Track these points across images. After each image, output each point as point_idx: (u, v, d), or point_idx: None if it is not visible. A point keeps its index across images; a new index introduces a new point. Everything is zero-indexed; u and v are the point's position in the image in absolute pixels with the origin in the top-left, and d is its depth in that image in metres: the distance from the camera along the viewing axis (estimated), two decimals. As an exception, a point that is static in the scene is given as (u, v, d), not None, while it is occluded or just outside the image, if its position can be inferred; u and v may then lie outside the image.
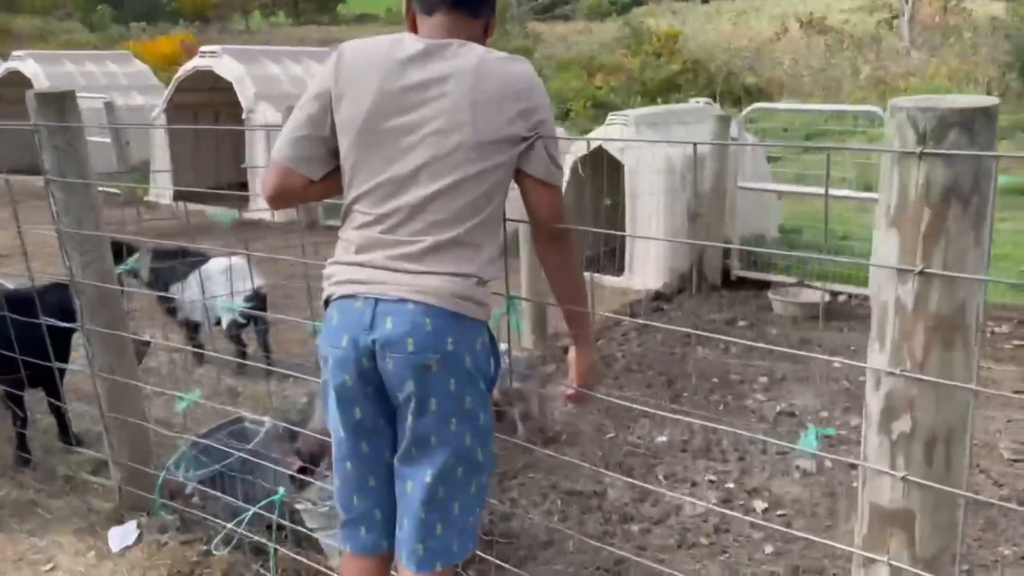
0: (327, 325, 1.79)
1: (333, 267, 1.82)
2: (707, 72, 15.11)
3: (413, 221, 1.72)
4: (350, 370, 1.74)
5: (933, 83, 13.88)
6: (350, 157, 1.77)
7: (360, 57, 1.77)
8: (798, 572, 2.87)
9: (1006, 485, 3.48)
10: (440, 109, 1.71)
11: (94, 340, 2.86)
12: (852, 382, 4.59)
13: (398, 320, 1.68)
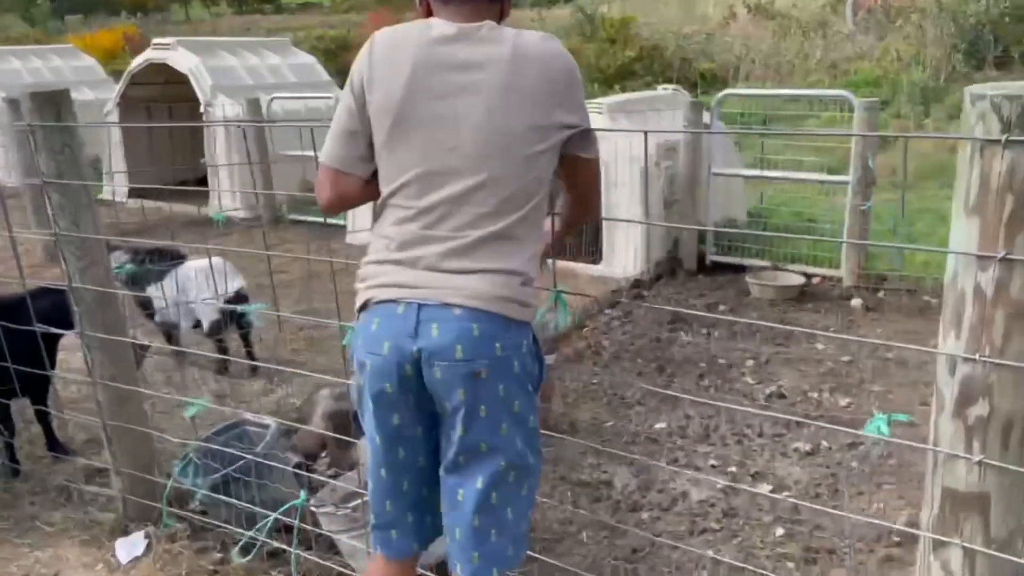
0: (364, 330, 1.72)
1: (370, 267, 1.75)
2: (662, 58, 15.21)
3: (456, 215, 1.67)
4: (391, 378, 1.68)
5: (881, 66, 14.18)
6: (386, 147, 1.70)
7: (390, 42, 1.71)
8: (811, 552, 2.92)
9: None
10: (479, 95, 1.65)
11: (94, 347, 2.77)
12: (836, 363, 4.69)
13: (444, 327, 1.64)
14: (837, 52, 16.22)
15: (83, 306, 2.72)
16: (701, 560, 2.90)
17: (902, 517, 3.00)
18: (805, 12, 22.62)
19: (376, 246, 1.76)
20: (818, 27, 19.98)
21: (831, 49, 16.69)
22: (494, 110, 1.65)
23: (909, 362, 4.65)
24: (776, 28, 20.04)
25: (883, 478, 3.40)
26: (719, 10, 23.63)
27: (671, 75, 14.72)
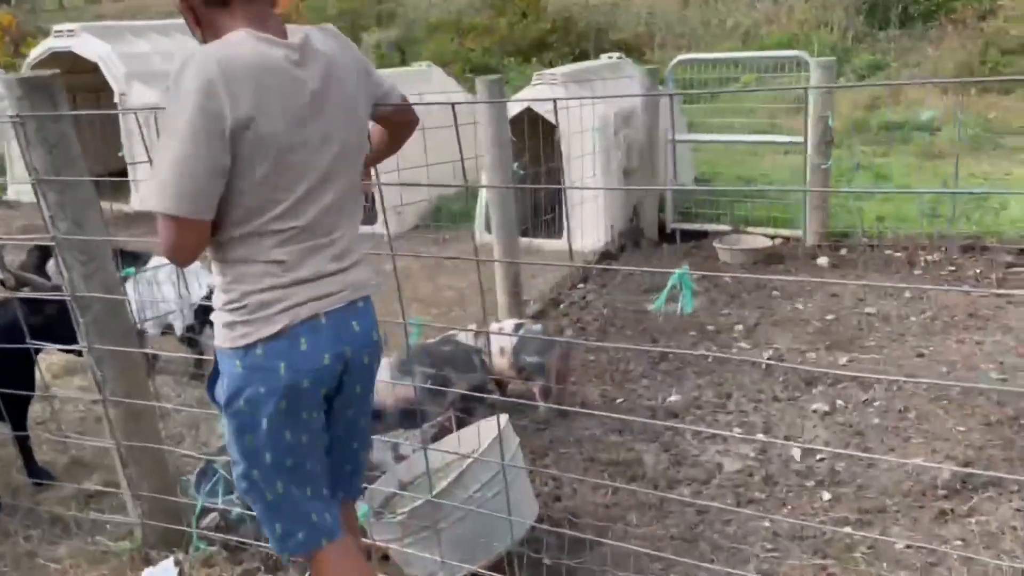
0: (290, 353, 1.74)
1: (263, 295, 1.72)
2: (576, 29, 15.14)
3: (329, 223, 1.78)
4: (330, 382, 1.83)
5: (789, 30, 14.50)
6: (266, 180, 1.66)
7: (247, 70, 1.60)
8: (864, 513, 2.91)
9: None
10: (335, 110, 1.74)
11: (104, 362, 2.48)
12: (822, 322, 4.73)
13: (360, 321, 1.86)
14: (742, 17, 16.52)
15: (89, 316, 2.43)
16: (759, 531, 2.85)
17: (945, 472, 3.02)
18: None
19: (253, 272, 1.72)
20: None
21: (733, 15, 16.98)
22: (343, 114, 1.76)
23: (891, 316, 4.73)
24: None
25: (907, 433, 3.44)
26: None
27: (586, 46, 14.68)
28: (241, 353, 1.72)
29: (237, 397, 1.75)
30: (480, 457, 2.42)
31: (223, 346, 1.75)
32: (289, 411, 1.76)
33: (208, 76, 1.55)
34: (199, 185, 1.59)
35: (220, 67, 1.57)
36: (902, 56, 12.35)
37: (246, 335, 1.71)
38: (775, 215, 6.39)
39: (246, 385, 1.73)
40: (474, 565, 2.41)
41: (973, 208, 6.39)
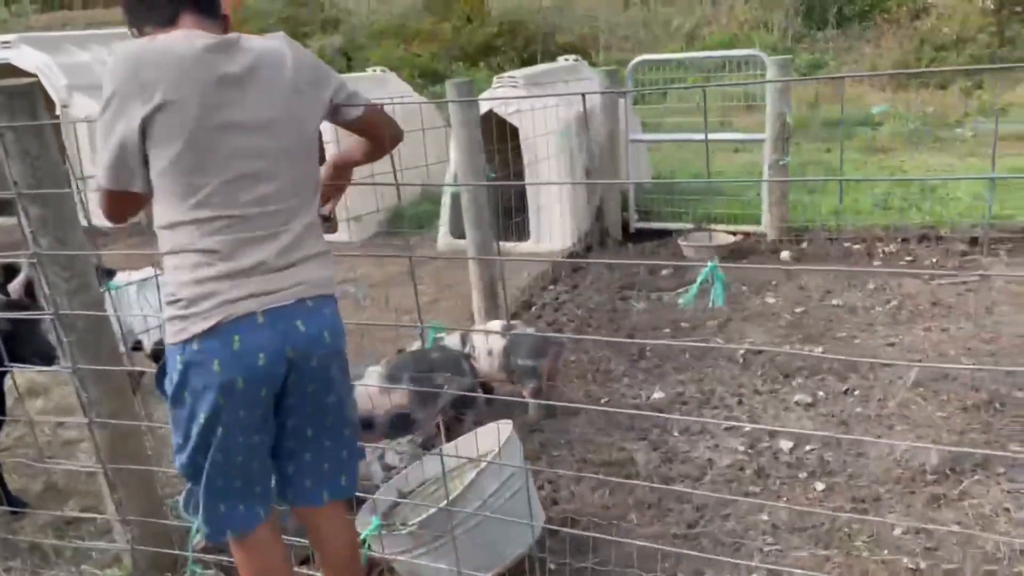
0: (222, 351, 1.74)
1: (195, 288, 1.74)
2: (523, 33, 15.18)
3: (274, 213, 1.78)
4: (270, 383, 1.81)
5: (730, 30, 14.77)
6: (180, 163, 1.71)
7: (164, 58, 1.70)
8: (858, 502, 2.95)
9: None
10: (263, 97, 1.76)
11: (90, 383, 2.38)
12: (792, 315, 4.81)
13: (308, 321, 1.81)
14: (683, 19, 16.77)
15: (74, 335, 2.32)
16: (758, 524, 2.87)
17: (933, 457, 3.09)
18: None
19: (185, 263, 1.75)
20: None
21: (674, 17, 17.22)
22: (279, 105, 1.79)
23: (858, 308, 4.83)
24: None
25: (890, 421, 3.50)
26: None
27: (533, 49, 14.73)
28: (180, 348, 1.76)
29: (180, 390, 1.80)
30: (493, 461, 2.38)
31: (168, 341, 1.81)
32: (228, 407, 1.78)
33: (124, 64, 1.70)
34: (117, 164, 1.73)
35: (136, 55, 1.70)
36: (841, 55, 12.68)
37: (183, 330, 1.75)
38: (734, 212, 6.48)
39: (187, 380, 1.78)
40: (489, 573, 2.37)
41: (923, 199, 6.59)
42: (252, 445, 1.88)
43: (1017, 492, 2.88)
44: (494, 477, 2.39)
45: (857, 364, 4.03)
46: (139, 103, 1.68)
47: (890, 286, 5.11)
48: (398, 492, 2.76)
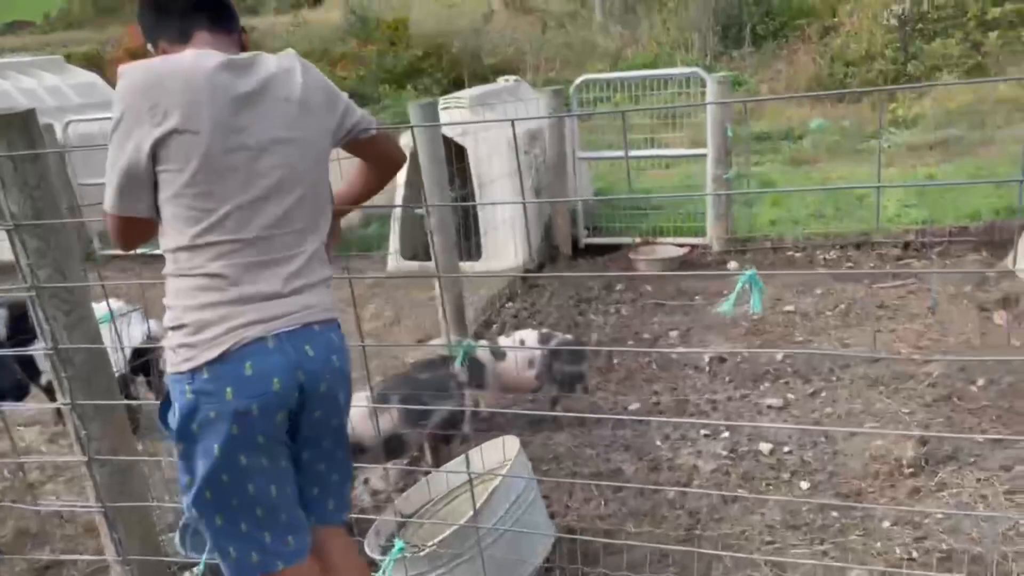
0: (235, 376, 1.69)
1: (202, 313, 1.70)
2: (448, 55, 15.27)
3: (284, 236, 1.76)
4: (284, 408, 1.76)
5: (652, 51, 15.17)
6: (192, 188, 1.67)
7: (176, 79, 1.65)
8: (844, 498, 3.07)
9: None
10: (276, 119, 1.73)
11: (89, 419, 2.29)
12: (748, 322, 4.96)
13: (316, 346, 1.78)
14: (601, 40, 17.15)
15: (72, 370, 2.24)
16: (754, 524, 2.95)
17: (909, 449, 3.24)
18: (555, 4, 23.71)
19: (190, 286, 1.72)
20: (571, 19, 21.00)
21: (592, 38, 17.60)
22: (291, 128, 1.76)
23: (809, 313, 5.02)
24: (535, 21, 20.82)
25: (859, 419, 3.65)
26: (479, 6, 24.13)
27: (460, 71, 14.83)
28: (188, 377, 1.70)
29: (189, 422, 1.71)
30: (508, 475, 2.39)
31: (172, 371, 1.74)
32: (242, 435, 1.72)
33: (134, 85, 1.65)
34: (126, 188, 1.68)
35: (147, 77, 1.65)
36: (758, 72, 13.17)
37: (191, 358, 1.70)
38: (678, 225, 6.66)
39: (196, 410, 1.70)
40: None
41: (855, 208, 6.91)
42: (274, 472, 1.80)
43: (989, 480, 3.04)
44: (509, 492, 2.40)
45: (818, 366, 4.19)
46: (150, 126, 1.64)
47: (835, 291, 5.33)
48: (400, 514, 2.74)
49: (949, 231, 6.04)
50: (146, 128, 1.64)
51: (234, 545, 1.82)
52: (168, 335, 1.74)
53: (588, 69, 13.76)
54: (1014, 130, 9.52)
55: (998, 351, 4.20)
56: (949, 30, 12.32)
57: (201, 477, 1.74)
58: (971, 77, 11.48)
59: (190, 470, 1.76)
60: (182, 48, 1.76)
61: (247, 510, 1.80)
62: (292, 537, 1.88)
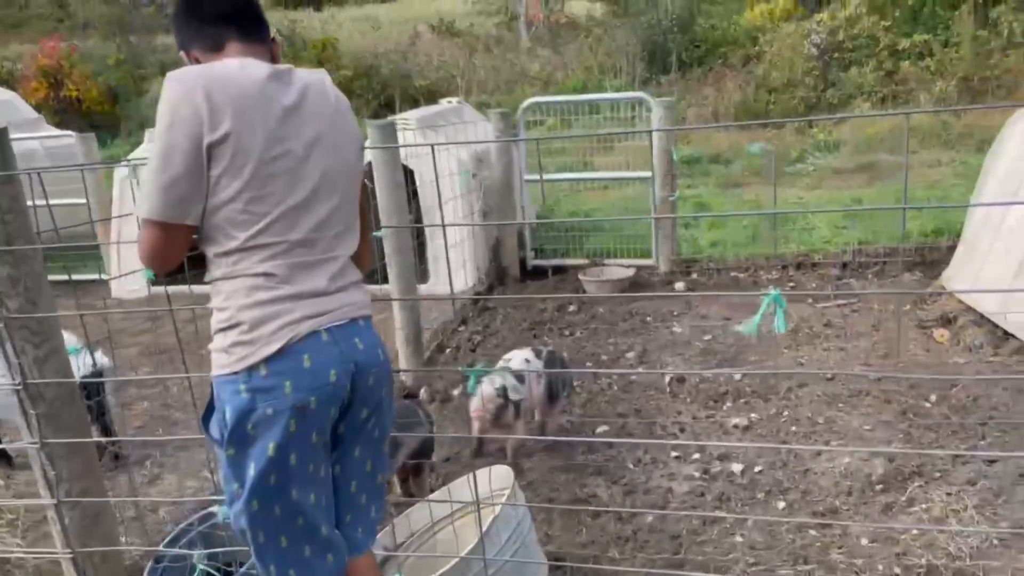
0: (294, 370, 1.70)
1: (256, 311, 1.70)
2: (379, 77, 15.15)
3: (330, 239, 1.80)
4: (338, 401, 1.78)
5: (583, 76, 15.39)
6: (244, 193, 1.68)
7: (228, 87, 1.67)
8: (819, 516, 3.10)
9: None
10: (315, 128, 1.77)
11: (58, 459, 2.14)
12: (702, 342, 5.02)
13: (363, 339, 1.81)
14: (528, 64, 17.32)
15: (42, 407, 2.08)
16: (736, 546, 2.96)
17: (879, 467, 3.31)
18: (481, 29, 23.90)
19: (243, 286, 1.72)
20: (497, 43, 21.18)
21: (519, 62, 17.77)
22: (330, 137, 1.80)
23: (760, 332, 5.11)
24: (462, 44, 20.93)
25: (824, 437, 3.72)
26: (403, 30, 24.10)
27: (391, 93, 14.74)
28: (244, 376, 1.69)
29: (243, 423, 1.69)
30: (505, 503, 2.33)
31: (223, 373, 1.71)
32: (298, 433, 1.71)
33: (187, 91, 1.64)
34: (177, 192, 1.65)
35: (197, 82, 1.65)
36: (685, 98, 13.49)
37: (246, 356, 1.68)
38: (622, 247, 6.72)
39: (252, 409, 1.68)
40: None
41: (790, 230, 7.10)
42: (320, 478, 1.80)
43: (958, 494, 3.13)
44: (510, 521, 2.34)
45: (775, 385, 4.27)
46: (205, 130, 1.63)
47: (782, 310, 5.44)
48: (383, 547, 2.64)
49: (882, 252, 6.27)
50: (201, 132, 1.64)
51: (274, 563, 1.80)
52: (217, 337, 1.73)
53: (520, 92, 13.86)
54: (927, 155, 10.00)
55: (942, 368, 4.35)
56: (864, 60, 12.90)
57: (251, 483, 1.72)
58: (885, 104, 12.02)
59: (239, 477, 1.73)
60: (215, 57, 1.78)
61: (288, 520, 1.78)
62: (331, 555, 1.86)
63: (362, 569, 1.97)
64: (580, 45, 17.90)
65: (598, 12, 22.71)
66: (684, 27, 15.37)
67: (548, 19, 23.50)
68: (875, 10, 13.50)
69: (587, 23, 20.75)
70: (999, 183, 5.01)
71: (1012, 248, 4.64)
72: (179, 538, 2.59)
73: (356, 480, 1.92)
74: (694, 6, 16.19)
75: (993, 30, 12.46)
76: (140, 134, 14.63)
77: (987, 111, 8.93)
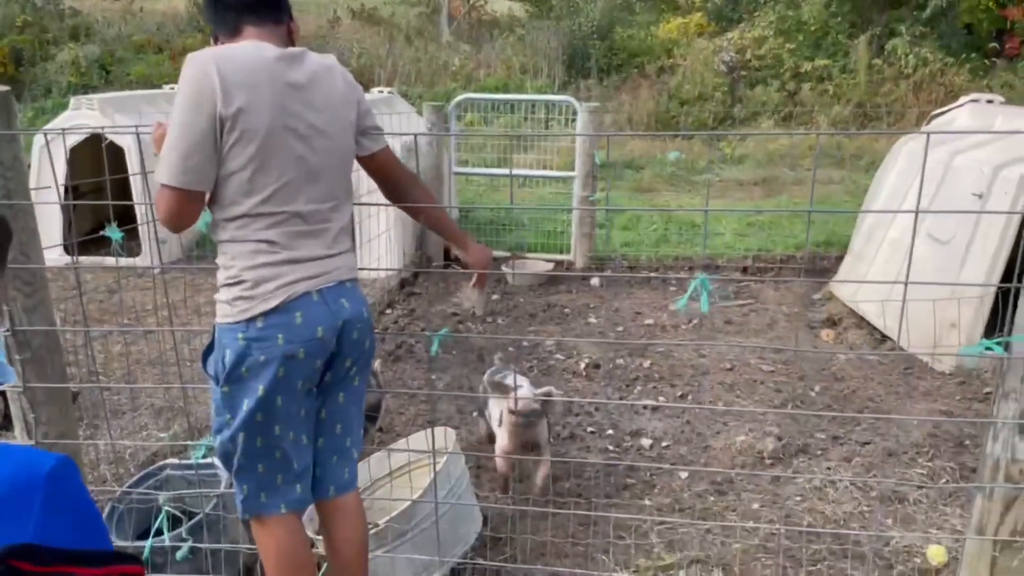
0: (286, 325, 1.93)
1: (257, 272, 1.92)
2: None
3: (322, 211, 2.00)
4: (324, 354, 2.02)
5: (504, 75, 15.70)
6: (252, 164, 1.88)
7: (240, 66, 1.86)
8: (719, 485, 3.50)
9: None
10: (320, 108, 1.97)
11: (40, 402, 2.29)
12: (615, 333, 5.40)
13: (350, 299, 2.05)
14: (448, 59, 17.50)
15: (28, 353, 2.23)
16: (644, 509, 3.31)
17: (769, 443, 3.73)
18: (403, 19, 23.87)
19: (247, 250, 1.93)
20: (417, 35, 21.27)
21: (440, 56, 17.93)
22: (330, 116, 1.99)
23: (667, 326, 5.54)
24: (382, 32, 20.91)
25: (724, 419, 4.13)
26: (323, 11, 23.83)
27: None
28: (243, 326, 1.92)
29: (239, 365, 1.93)
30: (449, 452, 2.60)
31: (225, 321, 1.94)
32: (286, 378, 1.95)
33: (203, 70, 1.83)
34: (193, 161, 1.84)
35: (214, 62, 1.84)
36: (604, 103, 13.98)
37: (247, 309, 1.92)
38: (542, 242, 7.07)
39: (247, 354, 1.92)
40: (442, 570, 2.58)
41: (694, 235, 7.60)
42: (300, 419, 2.04)
43: (835, 468, 3.58)
44: (453, 472, 2.62)
45: (681, 373, 4.67)
46: (219, 105, 1.82)
47: (688, 307, 5.89)
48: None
49: (779, 259, 6.82)
50: (216, 106, 1.82)
51: (248, 483, 2.05)
52: (223, 290, 1.96)
53: (441, 87, 14.07)
54: (821, 173, 10.74)
55: (827, 363, 4.85)
56: (768, 79, 13.68)
57: (241, 416, 1.96)
58: (787, 123, 12.81)
59: (231, 409, 1.97)
60: (234, 40, 1.97)
61: (268, 451, 2.02)
62: (300, 485, 2.11)
63: (350, 505, 2.24)
64: (501, 44, 18.21)
65: (519, 12, 23.09)
66: (603, 34, 15.89)
67: (469, 15, 23.71)
68: (781, 33, 14.33)
69: (508, 22, 21.11)
70: (885, 199, 5.59)
71: (891, 258, 5.20)
72: (142, 482, 2.76)
73: (341, 423, 2.18)
74: (613, 15, 16.74)
75: (887, 60, 13.44)
76: (45, 100, 14.16)
77: (877, 135, 9.70)
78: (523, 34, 16.89)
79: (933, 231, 4.87)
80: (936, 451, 3.71)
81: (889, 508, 3.27)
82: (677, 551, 3.02)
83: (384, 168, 2.24)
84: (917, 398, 4.32)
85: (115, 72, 14.26)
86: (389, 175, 2.27)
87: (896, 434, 3.88)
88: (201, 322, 4.96)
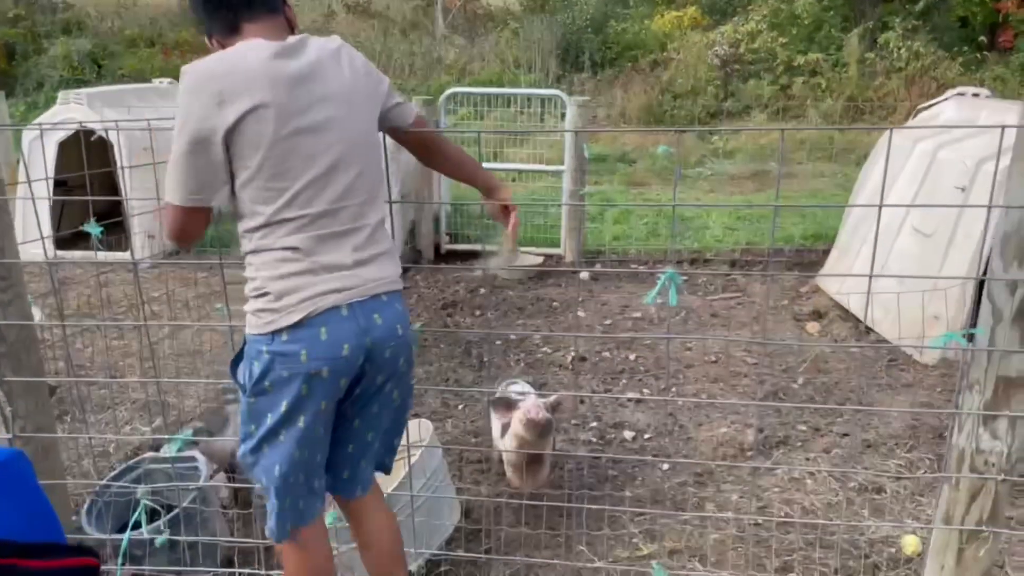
0: (311, 341, 1.84)
1: (281, 283, 1.84)
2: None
3: (346, 210, 1.88)
4: (350, 373, 1.91)
5: (498, 68, 15.69)
6: (264, 171, 1.80)
7: (236, 73, 1.77)
8: (699, 476, 3.53)
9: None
10: (329, 98, 1.85)
11: (17, 395, 2.31)
12: (603, 327, 5.42)
13: (384, 315, 1.92)
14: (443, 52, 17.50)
15: (4, 347, 2.25)
16: (624, 500, 3.34)
17: (750, 435, 3.76)
18: (398, 13, 23.83)
19: (271, 259, 1.85)
20: (412, 28, 21.24)
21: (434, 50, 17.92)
22: (344, 105, 1.88)
23: (654, 319, 5.56)
24: (377, 26, 20.87)
25: (706, 411, 4.16)
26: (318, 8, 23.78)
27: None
28: (268, 339, 1.85)
29: (263, 379, 1.86)
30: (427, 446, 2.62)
31: (252, 332, 1.88)
32: (309, 397, 1.87)
33: (198, 83, 1.76)
34: (197, 180, 1.79)
35: (208, 73, 1.77)
36: (596, 97, 13.99)
37: (271, 322, 1.84)
38: (531, 235, 7.08)
39: (271, 369, 1.85)
40: (419, 561, 2.61)
41: (685, 228, 7.62)
42: (319, 438, 1.96)
43: (814, 460, 3.61)
44: (431, 462, 2.64)
45: (666, 366, 4.70)
46: (220, 118, 1.74)
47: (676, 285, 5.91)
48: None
49: (767, 252, 6.84)
50: (216, 120, 1.75)
51: (285, 503, 1.98)
52: (250, 301, 1.88)
53: (436, 79, 14.06)
54: (812, 167, 10.77)
55: (809, 355, 4.88)
56: (762, 73, 13.69)
57: (263, 431, 1.91)
58: (780, 117, 12.81)
59: (256, 421, 1.92)
60: (232, 38, 1.87)
61: (293, 470, 1.95)
62: (319, 504, 2.08)
63: (377, 496, 2.24)
64: (496, 37, 18.20)
65: (514, 6, 23.06)
66: (597, 28, 15.89)
67: (465, 8, 23.66)
68: (775, 27, 14.33)
69: (503, 16, 21.08)
70: (870, 193, 5.61)
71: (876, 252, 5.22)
72: (123, 475, 2.78)
73: (372, 431, 2.10)
74: (608, 8, 16.73)
75: (879, 54, 13.45)
76: (37, 94, 14.14)
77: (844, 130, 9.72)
78: (517, 28, 16.86)
79: (918, 224, 4.90)
80: (915, 442, 3.74)
81: (866, 498, 3.30)
82: (655, 542, 3.05)
83: (421, 138, 2.16)
84: (899, 390, 4.35)
85: (107, 66, 14.24)
86: (430, 145, 2.19)
87: (876, 426, 3.91)
88: (189, 316, 4.98)
